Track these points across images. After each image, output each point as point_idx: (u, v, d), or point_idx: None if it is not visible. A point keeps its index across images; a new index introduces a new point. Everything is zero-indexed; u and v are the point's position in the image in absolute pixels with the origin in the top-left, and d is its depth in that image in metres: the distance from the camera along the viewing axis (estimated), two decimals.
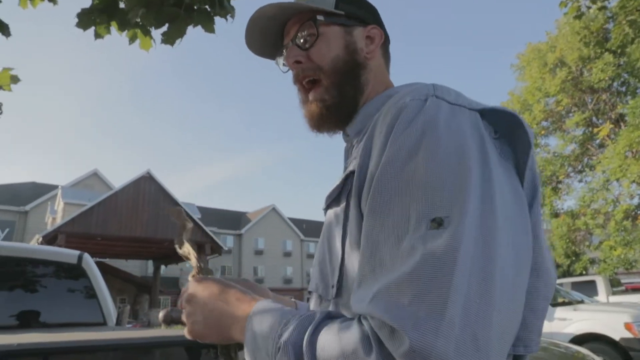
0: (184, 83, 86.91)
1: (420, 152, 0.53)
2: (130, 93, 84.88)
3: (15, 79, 1.25)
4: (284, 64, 0.84)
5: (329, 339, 0.51)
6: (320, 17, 0.78)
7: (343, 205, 0.66)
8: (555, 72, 12.49)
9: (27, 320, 3.10)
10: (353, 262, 0.61)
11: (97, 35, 2.79)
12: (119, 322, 3.40)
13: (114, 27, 2.85)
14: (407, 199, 0.51)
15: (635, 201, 11.04)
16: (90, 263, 3.60)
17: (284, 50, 0.82)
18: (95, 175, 35.08)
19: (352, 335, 0.49)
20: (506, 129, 0.60)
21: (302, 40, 0.79)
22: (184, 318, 0.71)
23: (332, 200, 0.70)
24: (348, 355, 0.48)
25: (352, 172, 0.65)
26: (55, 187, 33.00)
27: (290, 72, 0.82)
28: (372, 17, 0.83)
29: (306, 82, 0.79)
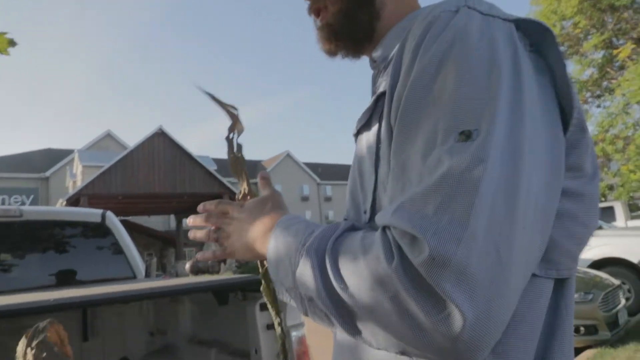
0: (189, 36, 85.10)
1: (449, 63, 0.51)
2: (135, 50, 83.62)
3: (12, 43, 1.23)
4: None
5: (352, 246, 0.51)
6: None
7: (375, 128, 0.64)
8: None
9: (62, 279, 3.25)
10: (386, 187, 0.59)
11: None
12: (147, 275, 3.55)
13: None
14: (435, 113, 0.50)
15: None
16: (114, 220, 3.70)
17: None
18: (109, 136, 35.35)
19: (374, 243, 0.49)
20: (541, 42, 0.56)
21: None
22: (217, 237, 0.75)
23: (363, 125, 0.68)
24: (370, 261, 0.48)
25: (383, 94, 0.62)
26: (70, 151, 33.42)
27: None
28: None
29: (316, 10, 0.77)
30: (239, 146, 0.79)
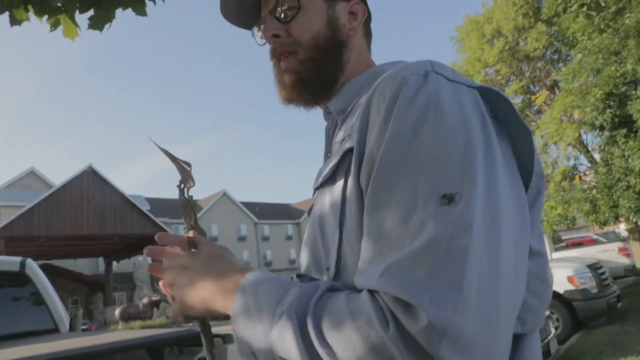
0: (116, 71, 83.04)
1: (425, 127, 0.52)
2: (59, 86, 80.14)
3: None
4: (260, 37, 0.79)
5: (337, 310, 0.49)
6: None
7: (340, 184, 0.63)
8: (493, 42, 12.87)
9: None
10: (353, 244, 0.59)
11: (14, 21, 2.53)
12: (72, 328, 3.25)
13: (32, 12, 2.60)
14: (413, 175, 0.50)
15: (572, 162, 11.76)
16: (34, 268, 3.42)
17: (261, 22, 0.78)
18: (32, 174, 33.14)
19: (362, 308, 0.47)
20: (499, 110, 0.59)
21: (281, 13, 0.75)
22: (171, 292, 0.68)
23: (327, 179, 0.67)
24: (360, 327, 0.46)
25: (350, 150, 0.62)
26: None
27: (267, 46, 0.78)
28: None
29: (283, 57, 0.76)
30: (190, 195, 0.78)
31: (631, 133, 9.28)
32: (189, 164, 0.78)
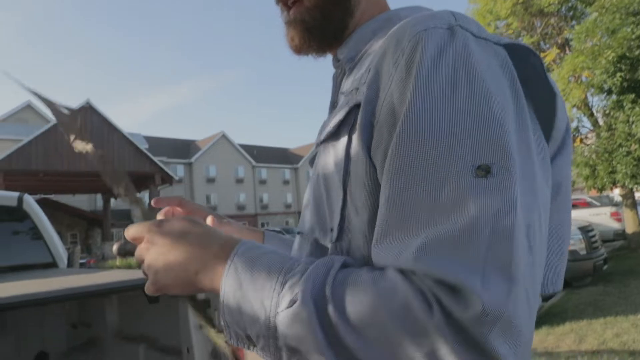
0: (116, 12, 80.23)
1: (456, 91, 0.47)
2: (65, 14, 77.59)
3: None
4: None
5: (362, 291, 0.44)
6: None
7: (344, 140, 0.58)
8: None
9: None
10: (357, 205, 0.55)
11: None
12: (70, 264, 3.32)
13: None
14: (445, 142, 0.46)
15: (575, 124, 11.63)
16: (31, 204, 3.45)
17: None
18: (29, 107, 32.76)
19: (398, 290, 0.42)
20: (527, 69, 0.55)
21: None
22: (143, 269, 0.60)
23: (330, 135, 0.62)
24: (397, 312, 0.41)
25: (357, 106, 0.57)
26: None
27: None
28: None
29: (290, 2, 0.71)
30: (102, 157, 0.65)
31: (639, 99, 9.13)
32: (71, 109, 0.65)
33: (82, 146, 0.63)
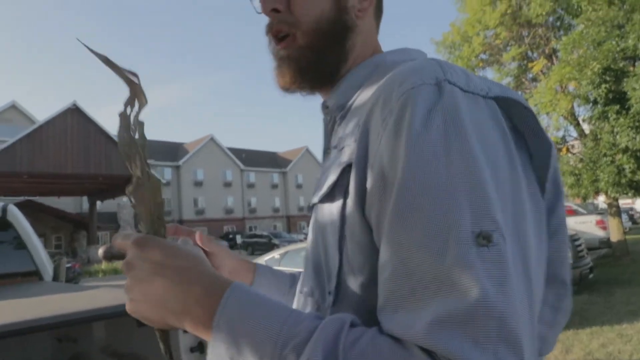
0: (104, 8, 79.59)
1: (449, 155, 0.46)
2: (42, 19, 76.71)
3: None
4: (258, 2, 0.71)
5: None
6: None
7: (339, 203, 0.57)
8: (495, 4, 12.51)
9: None
10: (354, 269, 0.55)
11: None
12: (56, 276, 3.27)
13: None
14: (441, 208, 0.45)
15: (561, 134, 11.81)
16: (16, 214, 3.41)
17: None
18: (13, 107, 32.24)
19: None
20: (519, 119, 0.54)
21: None
22: (124, 287, 0.55)
23: (325, 196, 0.60)
24: None
25: (349, 166, 0.56)
26: None
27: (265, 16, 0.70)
28: None
29: (280, 35, 0.68)
30: (140, 125, 0.59)
31: (623, 110, 9.30)
32: (135, 75, 0.59)
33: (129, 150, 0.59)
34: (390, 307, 0.46)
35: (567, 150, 11.58)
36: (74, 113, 21.87)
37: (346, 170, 0.56)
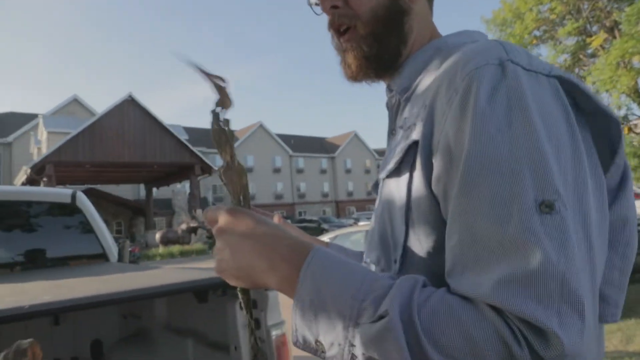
0: (156, 3, 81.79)
1: (512, 129, 0.49)
2: (103, 15, 79.92)
3: None
4: (316, 4, 0.75)
5: (455, 318, 0.46)
6: None
7: (405, 177, 0.61)
8: None
9: (35, 258, 3.21)
10: (421, 239, 0.59)
11: None
12: (120, 258, 3.49)
13: None
14: (506, 178, 0.48)
15: (623, 112, 11.12)
16: (84, 200, 3.63)
17: None
18: (75, 101, 34.09)
19: (492, 324, 0.45)
20: (581, 98, 0.56)
21: None
22: (215, 249, 0.62)
23: (392, 172, 0.64)
24: (492, 344, 0.44)
25: (415, 143, 0.59)
26: (35, 116, 32.17)
27: (325, 15, 0.74)
28: None
29: (343, 29, 0.72)
30: (226, 121, 0.69)
31: None
32: (223, 80, 0.69)
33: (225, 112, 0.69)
34: (458, 270, 0.50)
35: (630, 130, 10.89)
36: (130, 104, 22.84)
37: (412, 147, 0.60)
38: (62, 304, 1.36)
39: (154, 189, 28.93)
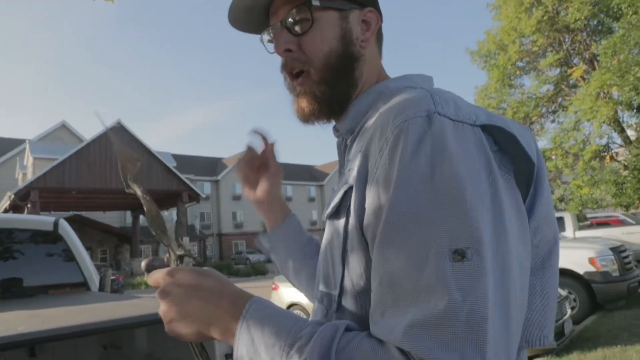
0: (148, 32, 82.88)
1: (433, 178, 0.52)
2: (90, 43, 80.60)
3: None
4: (269, 41, 0.78)
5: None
6: (316, 2, 0.71)
7: (343, 221, 0.65)
8: (531, 11, 12.27)
9: (13, 286, 3.15)
10: (353, 278, 0.63)
11: None
12: (102, 287, 3.43)
13: None
14: (423, 228, 0.51)
15: (604, 141, 11.38)
16: (66, 228, 3.59)
17: (271, 31, 0.76)
18: (63, 127, 33.92)
19: None
20: (505, 142, 0.59)
21: (294, 25, 0.73)
22: (160, 312, 0.64)
23: (332, 214, 0.68)
24: None
25: (351, 188, 0.63)
26: (22, 141, 31.91)
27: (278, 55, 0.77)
28: None
29: (295, 72, 0.75)
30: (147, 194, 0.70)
31: None
32: (140, 161, 0.73)
33: (134, 188, 0.74)
34: (377, 313, 0.54)
35: (611, 158, 11.12)
36: (119, 131, 22.77)
37: (348, 192, 0.64)
38: (38, 334, 1.34)
39: (141, 216, 28.55)
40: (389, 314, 0.52)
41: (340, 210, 0.66)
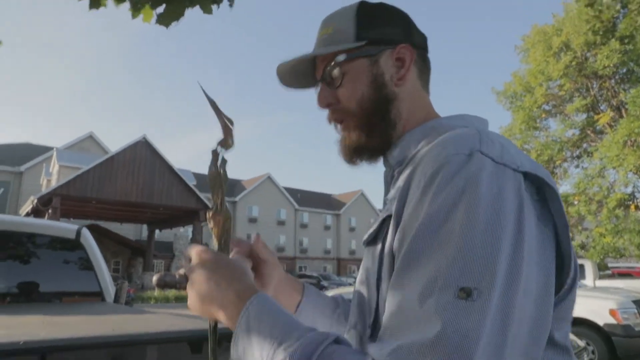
0: (179, 49, 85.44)
1: (457, 214, 0.53)
2: (127, 58, 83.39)
3: None
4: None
5: None
6: (341, 57, 0.76)
7: (379, 247, 0.67)
8: (559, 56, 12.28)
9: (28, 291, 3.18)
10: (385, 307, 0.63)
11: (93, 5, 2.68)
12: (117, 299, 3.45)
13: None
14: (439, 260, 0.52)
15: (630, 190, 11.16)
16: (87, 237, 3.64)
17: (318, 86, 0.82)
18: (90, 138, 34.75)
19: None
20: (548, 196, 0.59)
21: (329, 80, 0.78)
22: (187, 287, 0.70)
23: (370, 241, 0.71)
24: None
25: (389, 216, 0.65)
26: (50, 148, 32.76)
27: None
28: (400, 32, 0.77)
29: (336, 121, 0.80)
30: (224, 161, 0.74)
31: None
32: (231, 122, 0.74)
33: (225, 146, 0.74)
34: (386, 336, 0.55)
35: (636, 207, 10.86)
36: (143, 146, 23.24)
37: (386, 220, 0.66)
38: (51, 342, 1.35)
39: (157, 231, 28.82)
40: (388, 335, 0.54)
41: (377, 237, 0.69)
